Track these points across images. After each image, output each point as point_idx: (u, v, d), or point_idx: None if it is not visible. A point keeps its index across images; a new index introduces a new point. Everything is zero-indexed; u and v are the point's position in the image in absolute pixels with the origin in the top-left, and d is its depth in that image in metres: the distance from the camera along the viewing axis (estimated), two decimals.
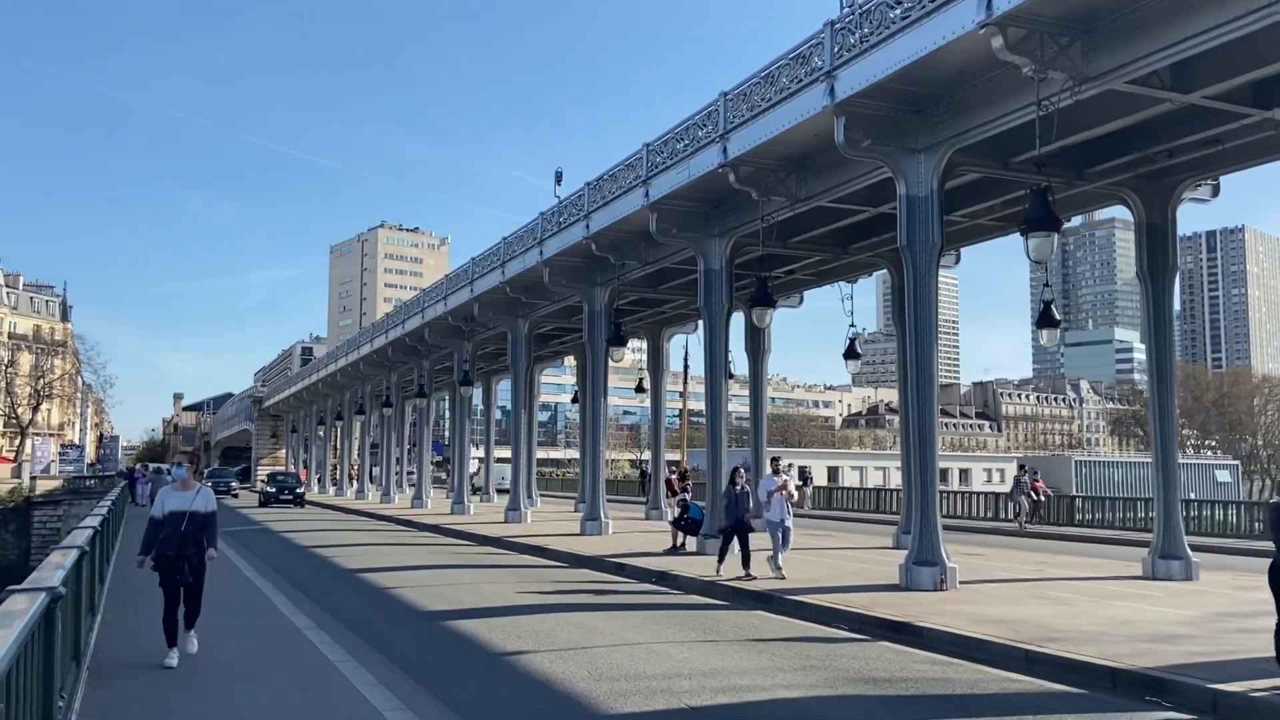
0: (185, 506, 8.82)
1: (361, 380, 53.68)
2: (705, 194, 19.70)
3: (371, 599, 14.71)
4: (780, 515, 15.82)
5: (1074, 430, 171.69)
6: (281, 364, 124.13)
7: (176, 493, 8.96)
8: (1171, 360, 16.59)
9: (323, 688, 8.14)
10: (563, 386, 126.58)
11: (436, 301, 36.52)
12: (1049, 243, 12.15)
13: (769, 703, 8.01)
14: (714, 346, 20.48)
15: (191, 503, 8.86)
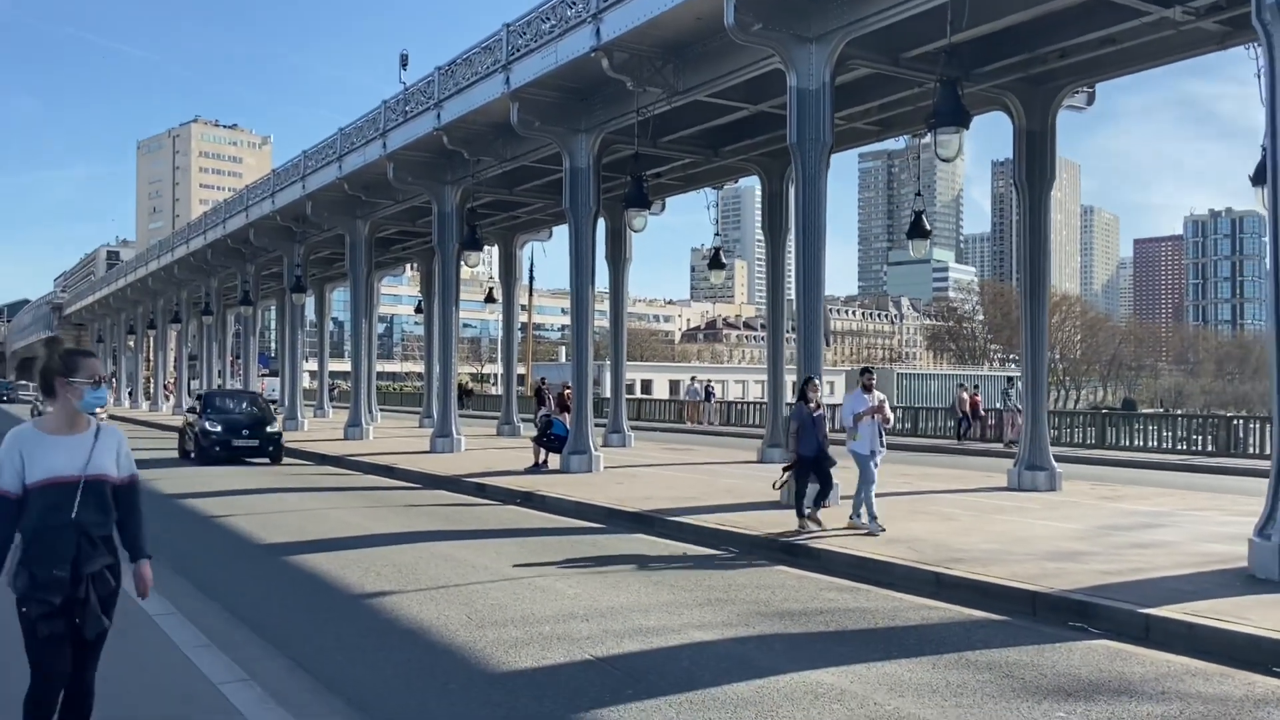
0: (78, 468, 4.02)
1: (177, 286, 49.32)
2: (573, 83, 18.08)
3: (195, 531, 12.91)
4: (871, 445, 11.71)
5: (895, 345, 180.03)
6: (85, 268, 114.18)
7: (54, 437, 4.05)
8: (1046, 272, 16.45)
9: (137, 651, 6.58)
10: (399, 298, 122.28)
11: (263, 199, 33.34)
12: (957, 140, 11.38)
13: (684, 649, 7.02)
14: (580, 251, 19.09)
15: (89, 458, 4.05)
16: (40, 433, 4.03)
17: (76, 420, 4.08)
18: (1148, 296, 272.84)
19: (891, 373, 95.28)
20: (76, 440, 4.05)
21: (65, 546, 3.94)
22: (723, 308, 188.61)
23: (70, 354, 4.08)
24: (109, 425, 4.21)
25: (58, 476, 3.95)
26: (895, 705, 5.74)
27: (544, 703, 5.80)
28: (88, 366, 4.07)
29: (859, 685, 6.14)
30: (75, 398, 4.02)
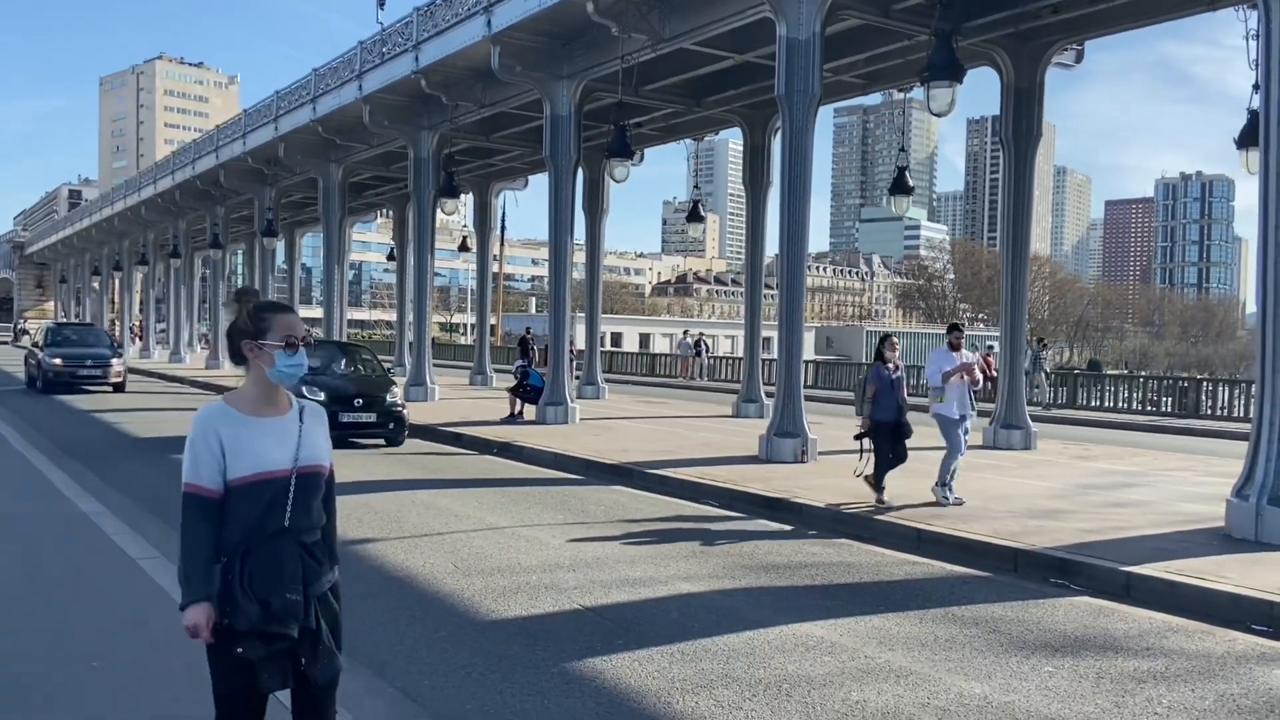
0: (289, 459, 3.07)
1: (144, 227, 48.36)
2: (556, 28, 17.71)
3: (170, 475, 12.72)
4: (960, 409, 10.46)
5: (865, 302, 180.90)
6: (46, 207, 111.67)
7: (257, 419, 3.08)
8: (1027, 230, 16.43)
9: (119, 595, 6.49)
10: (368, 244, 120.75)
11: (234, 140, 32.59)
12: (950, 93, 11.26)
13: (672, 600, 7.02)
14: (559, 200, 18.85)
15: (298, 444, 3.11)
16: (239, 412, 3.04)
17: (277, 396, 3.10)
18: (1117, 258, 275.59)
19: (861, 330, 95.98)
20: (282, 423, 3.08)
21: (291, 561, 3.00)
22: (694, 261, 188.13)
23: (261, 310, 3.11)
24: (312, 403, 3.26)
25: (269, 470, 2.98)
26: (886, 658, 5.78)
27: (535, 651, 5.78)
28: (281, 323, 3.09)
29: (849, 638, 6.17)
30: (266, 364, 3.06)
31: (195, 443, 2.97)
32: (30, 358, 26.41)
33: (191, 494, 2.95)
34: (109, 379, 24.68)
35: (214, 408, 3.05)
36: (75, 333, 27.45)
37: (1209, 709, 5.09)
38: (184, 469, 2.95)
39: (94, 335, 27.62)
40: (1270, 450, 8.88)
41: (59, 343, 25.43)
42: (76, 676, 5.01)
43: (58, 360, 24.10)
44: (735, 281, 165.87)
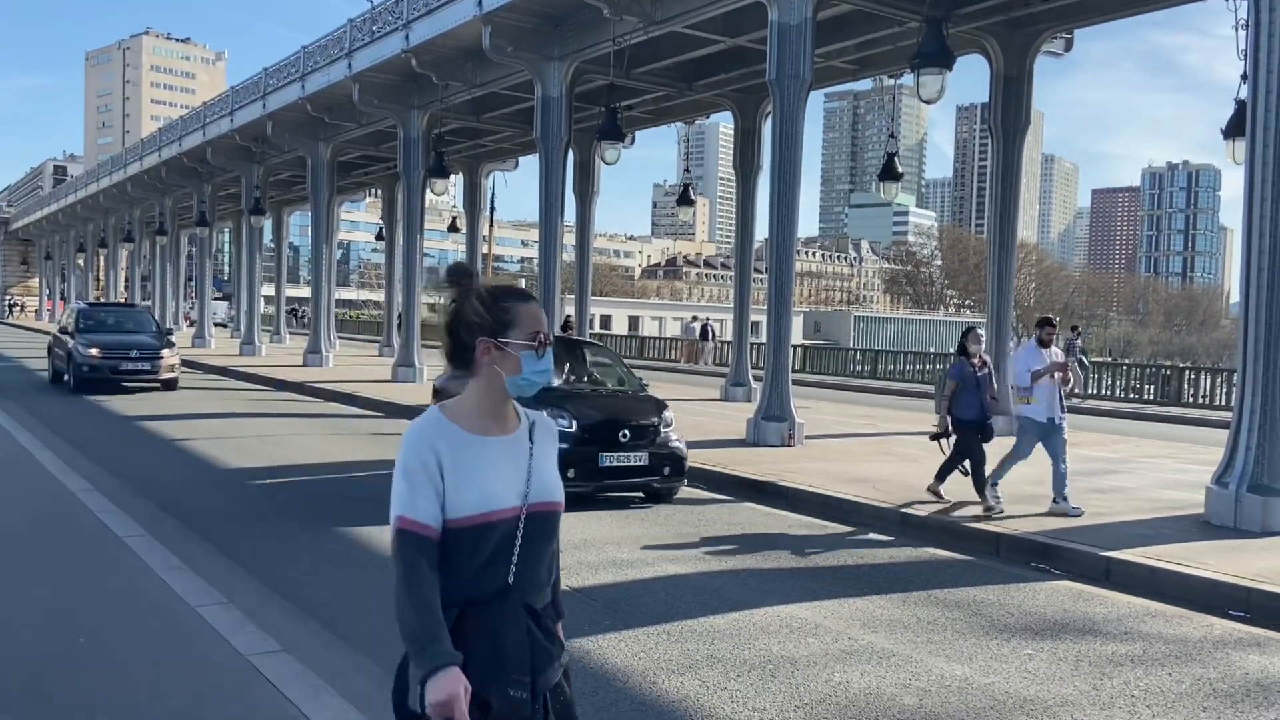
0: (518, 494, 2.32)
1: (130, 204, 48.02)
2: (548, 8, 17.62)
3: (159, 454, 12.72)
4: (1049, 411, 9.49)
5: (853, 288, 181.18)
6: (31, 182, 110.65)
7: (484, 439, 2.33)
8: (1015, 218, 16.53)
9: (111, 573, 6.50)
10: (356, 224, 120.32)
11: (221, 117, 32.33)
12: (940, 80, 11.29)
13: (659, 581, 7.09)
14: (550, 182, 18.80)
15: (529, 474, 2.35)
16: (462, 429, 2.28)
17: (506, 409, 2.35)
18: (1103, 247, 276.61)
19: (849, 315, 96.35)
20: (511, 446, 2.33)
21: (515, 638, 2.26)
22: (683, 245, 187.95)
23: (502, 298, 2.32)
24: (540, 413, 2.45)
25: (496, 510, 2.24)
26: (869, 640, 5.86)
27: None
28: (528, 316, 2.32)
29: (832, 620, 6.25)
30: (509, 370, 2.29)
31: (410, 465, 2.24)
32: (56, 346, 21.23)
33: (408, 531, 2.19)
34: (158, 375, 19.77)
35: (432, 421, 2.31)
36: (113, 315, 22.18)
37: (1185, 693, 5.18)
38: (395, 498, 2.23)
39: (137, 318, 22.19)
40: (1250, 438, 9.00)
41: (94, 328, 20.36)
42: None
43: (94, 351, 19.22)
44: (725, 265, 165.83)
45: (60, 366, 20.68)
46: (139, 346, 19.84)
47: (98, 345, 19.40)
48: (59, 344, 20.94)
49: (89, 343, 19.47)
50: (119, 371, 19.39)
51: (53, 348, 21.79)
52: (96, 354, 19.25)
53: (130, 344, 19.84)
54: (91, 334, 19.92)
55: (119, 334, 20.31)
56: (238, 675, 4.84)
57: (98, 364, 19.18)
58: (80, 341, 19.54)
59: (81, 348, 19.35)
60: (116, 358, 19.37)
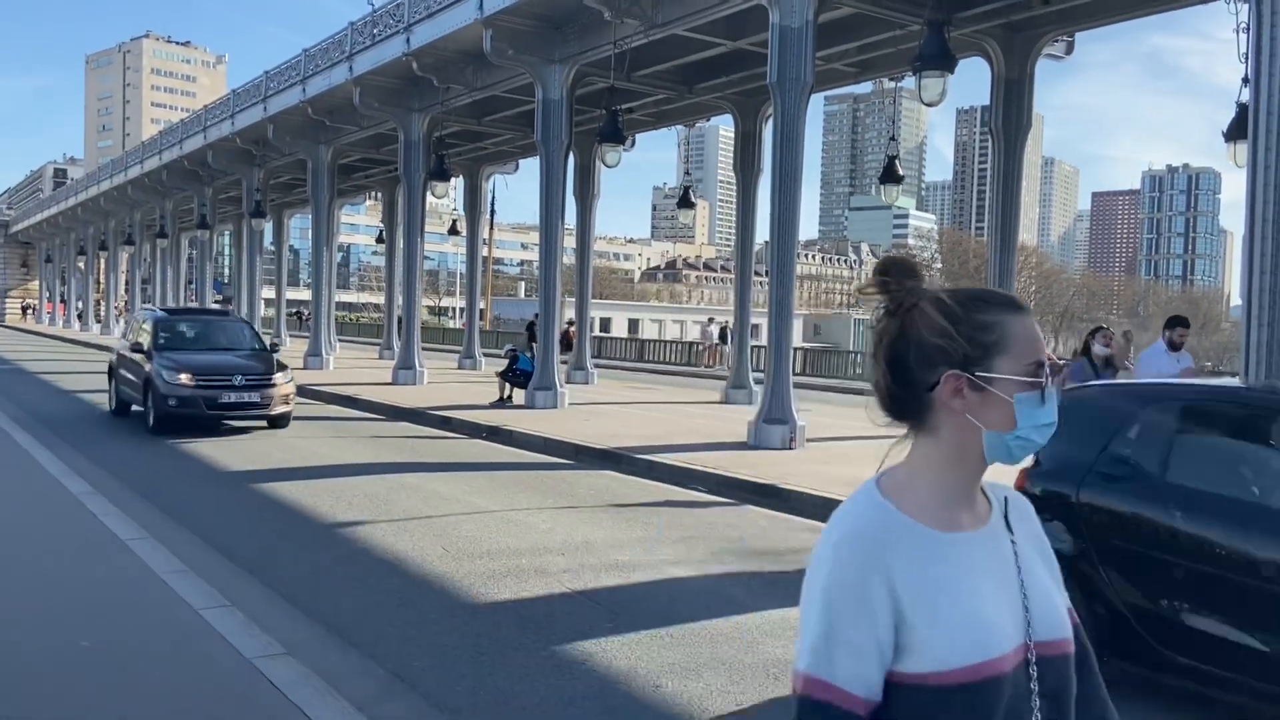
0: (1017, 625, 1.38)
1: (130, 207, 48.04)
2: (549, 11, 17.63)
3: (161, 455, 12.72)
4: None
5: (853, 290, 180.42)
6: (31, 185, 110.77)
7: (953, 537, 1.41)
8: (1016, 220, 16.53)
9: (114, 576, 6.49)
10: (356, 227, 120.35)
11: (222, 120, 32.35)
12: (941, 83, 11.29)
13: (662, 584, 7.08)
14: (551, 185, 18.81)
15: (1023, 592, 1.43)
16: (917, 522, 1.43)
17: (975, 487, 1.50)
18: (1103, 249, 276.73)
19: (849, 318, 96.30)
20: (990, 542, 1.47)
21: None
22: (683, 247, 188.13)
23: (976, 305, 1.45)
24: (1007, 487, 1.58)
25: (995, 657, 1.37)
26: None
27: (525, 634, 5.83)
28: (1023, 336, 1.44)
29: None
30: (994, 425, 1.43)
31: (837, 597, 1.38)
32: (124, 368, 16.17)
33: (821, 701, 1.36)
34: (270, 408, 14.75)
35: (877, 517, 1.45)
36: (202, 326, 16.90)
37: None
38: (803, 640, 1.40)
39: (232, 331, 17.04)
40: None
41: (179, 344, 15.68)
42: None
43: (185, 378, 14.26)
44: (725, 268, 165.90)
45: (129, 396, 15.85)
46: (244, 371, 14.74)
47: (189, 369, 14.39)
48: (128, 365, 15.84)
49: (176, 365, 14.45)
50: (218, 405, 14.36)
51: (117, 369, 16.65)
52: (189, 382, 14.22)
53: (232, 367, 14.82)
54: (177, 353, 15.01)
55: (214, 353, 15.53)
56: (241, 678, 4.84)
57: (190, 395, 14.17)
58: (163, 364, 14.47)
59: (167, 373, 14.28)
60: (216, 386, 14.38)
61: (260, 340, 17.12)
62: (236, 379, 14.48)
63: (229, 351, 15.77)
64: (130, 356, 15.63)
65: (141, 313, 17.93)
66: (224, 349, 15.90)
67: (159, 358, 14.64)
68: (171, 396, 14.17)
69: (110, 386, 17.15)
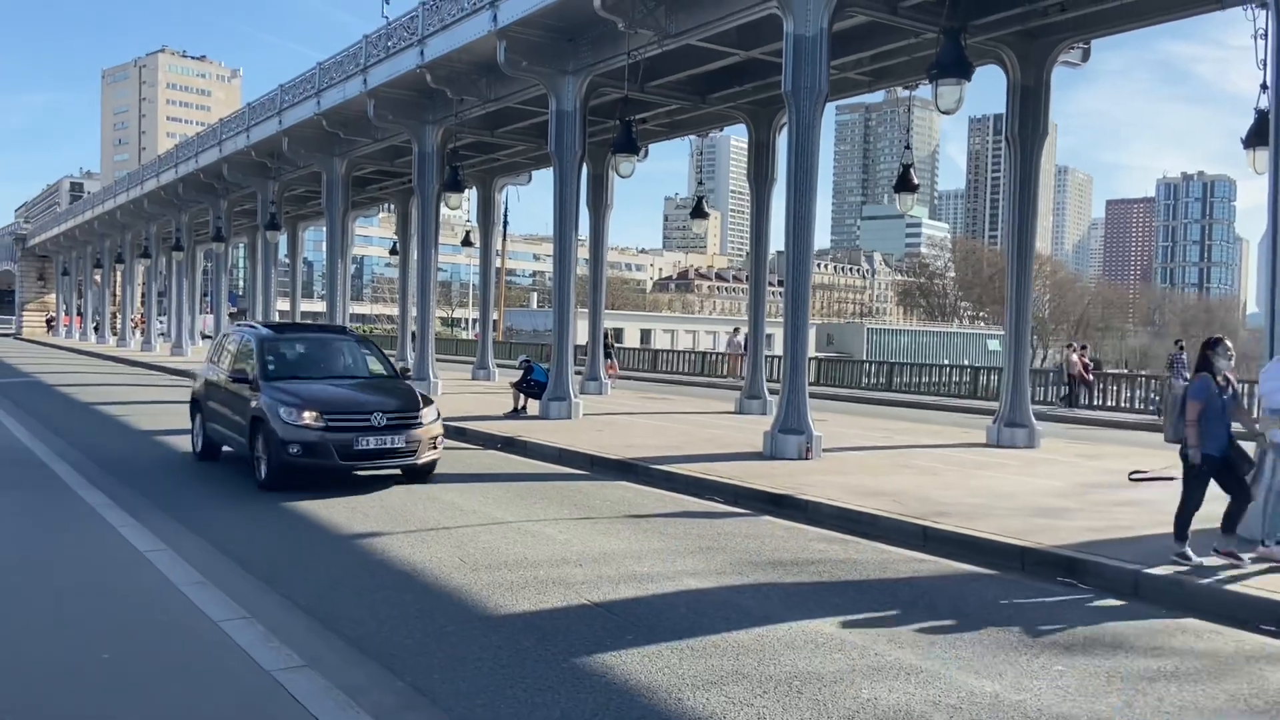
0: None
1: (146, 220, 48.36)
2: (562, 22, 17.67)
3: (178, 468, 12.74)
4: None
5: (866, 300, 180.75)
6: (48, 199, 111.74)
7: None
8: (1032, 230, 16.42)
9: (134, 588, 6.48)
10: (369, 239, 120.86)
11: (238, 133, 32.56)
12: (958, 91, 11.23)
13: (680, 595, 7.02)
14: (564, 195, 18.81)
15: None
16: None
17: None
18: (1117, 258, 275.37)
19: (862, 327, 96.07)
20: None
21: None
22: (695, 258, 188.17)
23: None
24: None
25: None
26: (896, 656, 5.77)
27: (544, 646, 5.78)
28: None
29: (858, 635, 6.17)
30: None
31: None
32: (216, 400, 12.80)
33: None
34: (417, 456, 11.32)
35: None
36: (317, 348, 13.15)
37: (1219, 708, 5.09)
38: None
39: (353, 353, 13.13)
40: None
41: (292, 370, 12.16)
42: None
43: (310, 416, 10.84)
44: (736, 278, 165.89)
45: (222, 436, 12.48)
46: (383, 408, 11.18)
47: (315, 405, 10.92)
48: (224, 398, 12.40)
49: (298, 400, 10.97)
50: (354, 453, 10.78)
51: (204, 402, 13.10)
52: (314, 422, 10.72)
53: (368, 404, 11.25)
54: (294, 383, 11.54)
55: (336, 382, 12.00)
56: (261, 690, 4.80)
57: (317, 440, 10.65)
58: (279, 398, 11.01)
59: (286, 410, 10.81)
60: (351, 427, 10.84)
61: (389, 364, 13.16)
62: (376, 418, 10.90)
63: (354, 381, 12.30)
64: (228, 388, 12.10)
65: (237, 331, 13.63)
66: (347, 377, 12.42)
67: (270, 390, 11.17)
68: (294, 442, 10.55)
69: (194, 424, 13.42)
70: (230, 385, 12.00)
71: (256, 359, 11.95)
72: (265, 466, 10.92)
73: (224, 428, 12.42)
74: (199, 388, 13.56)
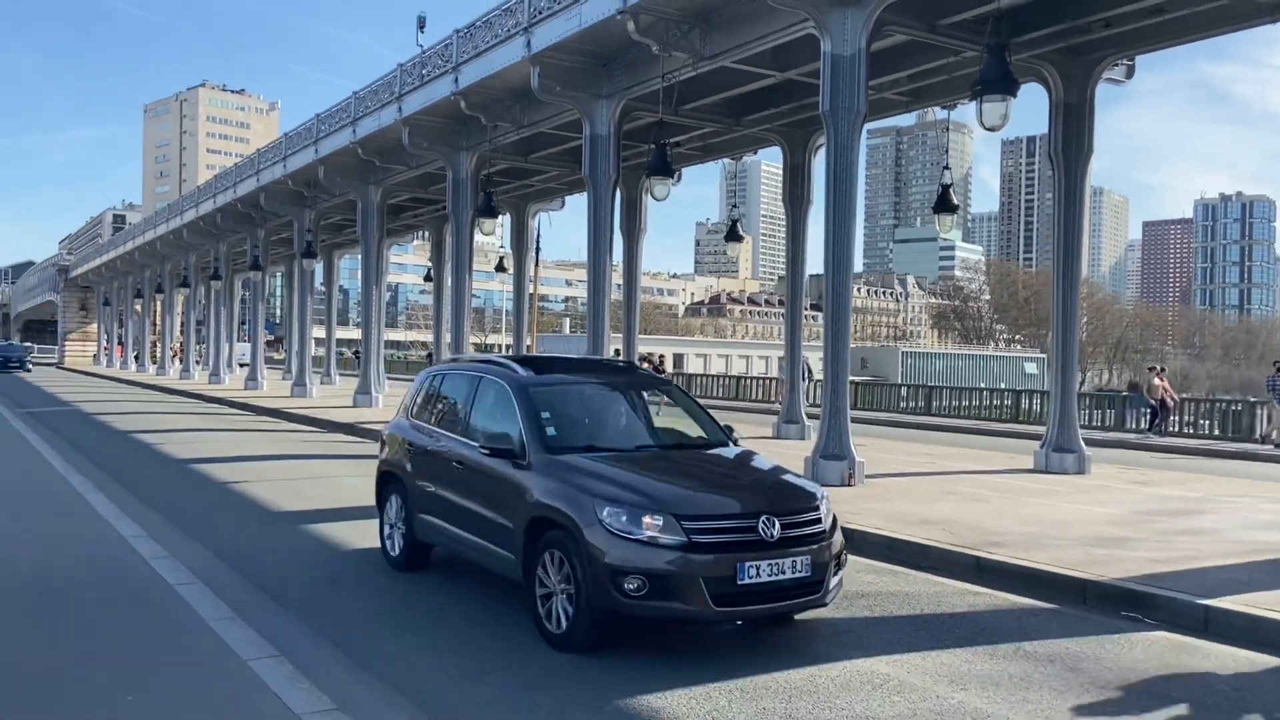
0: None
1: (186, 250, 48.96)
2: (596, 47, 17.61)
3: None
4: None
5: (900, 323, 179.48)
6: (91, 231, 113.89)
7: None
8: (1079, 250, 16.02)
9: (161, 624, 6.30)
10: (403, 266, 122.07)
11: (275, 163, 32.88)
12: (1004, 108, 10.95)
13: (726, 633, 6.71)
14: (599, 220, 18.68)
15: None
16: None
17: None
18: (1155, 279, 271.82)
19: (897, 351, 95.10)
20: None
21: None
22: (727, 282, 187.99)
23: None
24: None
25: None
26: (959, 699, 5.45)
27: (585, 688, 5.52)
28: None
29: (916, 676, 5.85)
30: None
31: None
32: (444, 480, 7.78)
33: None
34: (823, 591, 6.34)
35: None
36: (602, 395, 8.03)
37: None
38: None
39: (650, 401, 8.14)
40: None
41: (581, 435, 7.30)
42: None
43: (655, 525, 5.98)
44: (769, 302, 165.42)
45: (454, 540, 7.73)
46: (770, 506, 6.32)
47: (662, 505, 6.15)
48: (455, 477, 7.68)
49: (632, 494, 6.26)
50: (736, 593, 5.98)
51: (411, 480, 8.33)
52: (664, 534, 6.02)
53: (743, 500, 6.42)
54: (593, 459, 6.81)
55: (662, 457, 7.32)
56: None
57: (674, 569, 5.91)
58: (587, 486, 6.41)
59: (614, 512, 6.12)
60: (727, 544, 6.05)
61: (709, 419, 8.12)
62: (764, 525, 6.18)
63: (681, 453, 7.56)
64: (468, 463, 7.43)
65: (462, 373, 8.47)
66: (662, 446, 7.59)
67: (566, 473, 6.61)
68: (634, 573, 5.96)
69: (388, 511, 8.61)
70: (469, 459, 7.36)
71: (523, 418, 7.09)
72: (570, 611, 6.20)
73: (458, 527, 7.48)
74: (393, 456, 8.67)
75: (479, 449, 7.29)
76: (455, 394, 8.31)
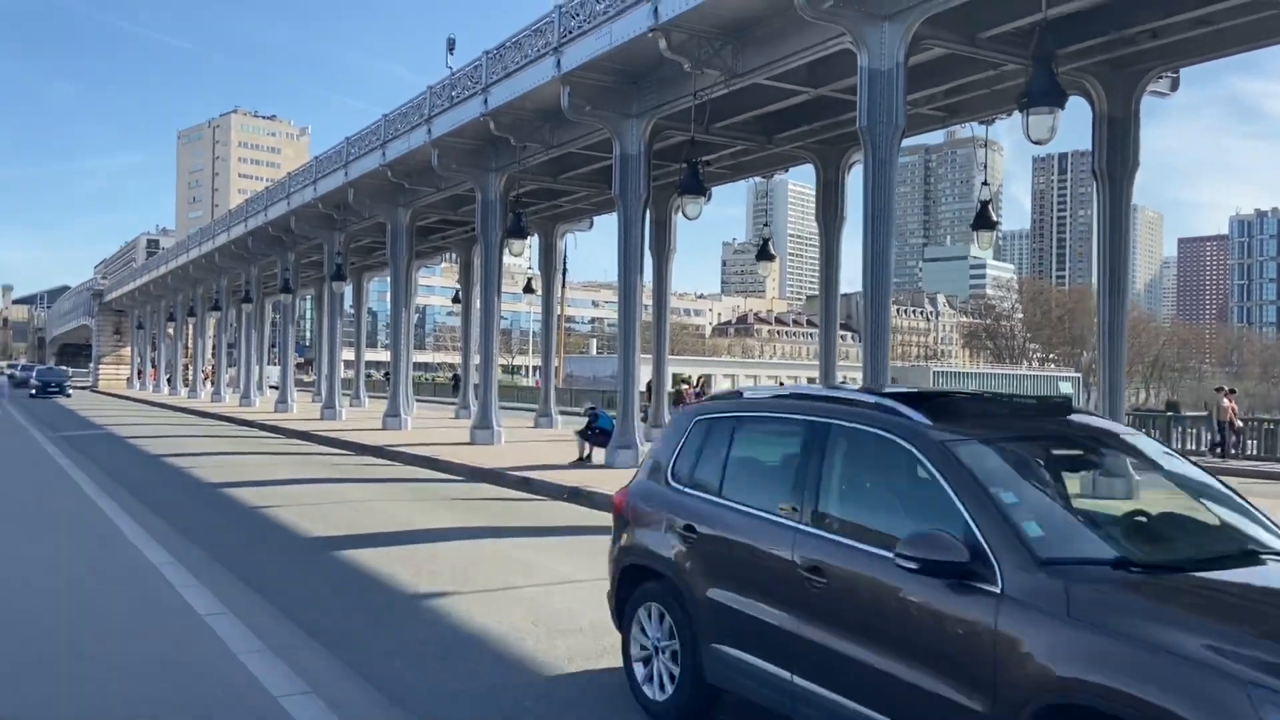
0: None
1: (217, 274, 49.38)
2: (626, 66, 17.49)
3: (240, 521, 12.46)
4: None
5: (930, 342, 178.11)
6: (125, 256, 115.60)
7: None
8: (1126, 266, 15.59)
9: (190, 656, 6.07)
10: (431, 288, 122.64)
11: (305, 186, 33.07)
12: (1052, 119, 10.64)
13: None
14: (629, 240, 18.50)
15: None
16: None
17: None
18: (1192, 297, 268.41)
19: (928, 370, 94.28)
20: None
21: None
22: (754, 302, 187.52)
23: None
24: None
25: None
26: None
27: None
28: None
29: None
30: None
31: None
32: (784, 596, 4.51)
33: None
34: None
35: None
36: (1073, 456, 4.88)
37: None
38: None
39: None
40: None
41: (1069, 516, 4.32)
42: None
43: None
44: (796, 322, 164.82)
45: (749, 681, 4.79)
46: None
47: None
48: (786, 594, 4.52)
49: None
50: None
51: (709, 601, 5.00)
52: None
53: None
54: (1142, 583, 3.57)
55: None
56: None
57: None
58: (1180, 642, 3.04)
59: None
60: None
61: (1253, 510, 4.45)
62: None
63: None
64: (858, 580, 4.24)
65: (780, 417, 5.35)
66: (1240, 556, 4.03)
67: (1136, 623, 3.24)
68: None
69: (652, 628, 5.53)
70: (835, 568, 4.36)
71: (967, 503, 3.98)
72: None
73: (815, 681, 4.37)
74: (651, 543, 5.66)
75: (865, 551, 4.22)
76: (775, 450, 5.29)
